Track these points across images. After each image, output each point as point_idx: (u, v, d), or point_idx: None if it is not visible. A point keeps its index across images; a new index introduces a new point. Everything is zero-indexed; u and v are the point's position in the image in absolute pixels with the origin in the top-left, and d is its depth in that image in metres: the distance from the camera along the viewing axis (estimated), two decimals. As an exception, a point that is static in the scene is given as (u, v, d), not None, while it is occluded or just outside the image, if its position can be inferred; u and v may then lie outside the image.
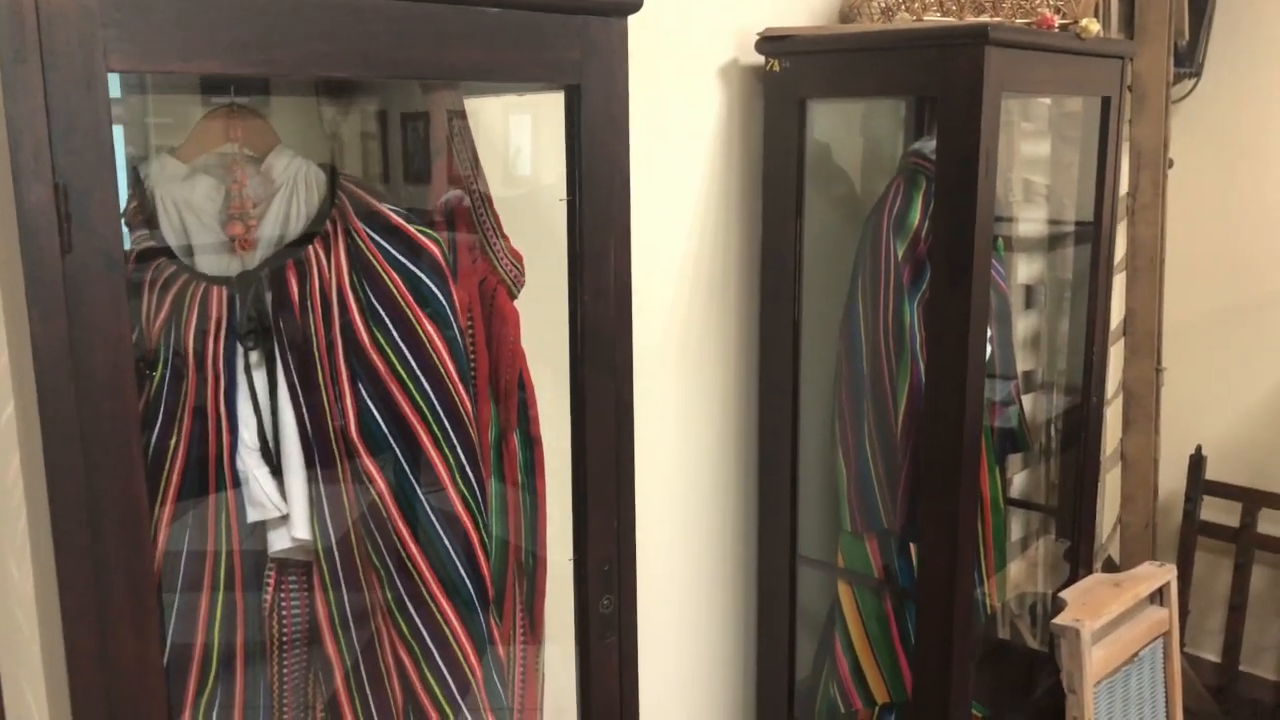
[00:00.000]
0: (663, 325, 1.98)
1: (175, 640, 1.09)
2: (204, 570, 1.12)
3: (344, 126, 1.31)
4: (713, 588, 2.15)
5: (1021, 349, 2.62)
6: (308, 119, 1.31)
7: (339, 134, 1.30)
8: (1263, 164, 2.99)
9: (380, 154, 1.31)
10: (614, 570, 1.25)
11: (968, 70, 1.67)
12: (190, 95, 1.19)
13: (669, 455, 2.02)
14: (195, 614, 1.12)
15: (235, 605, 1.14)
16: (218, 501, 1.12)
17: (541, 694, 1.37)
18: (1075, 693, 2.04)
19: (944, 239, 1.75)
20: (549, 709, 1.42)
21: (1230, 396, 3.14)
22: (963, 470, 1.78)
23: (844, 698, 2.08)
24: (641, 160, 1.89)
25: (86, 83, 0.83)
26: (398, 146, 1.30)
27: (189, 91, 1.20)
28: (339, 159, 1.29)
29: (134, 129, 1.21)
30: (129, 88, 1.18)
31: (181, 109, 1.21)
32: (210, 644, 1.12)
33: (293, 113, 1.29)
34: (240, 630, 1.14)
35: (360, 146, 1.31)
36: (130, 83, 1.15)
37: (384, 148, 1.30)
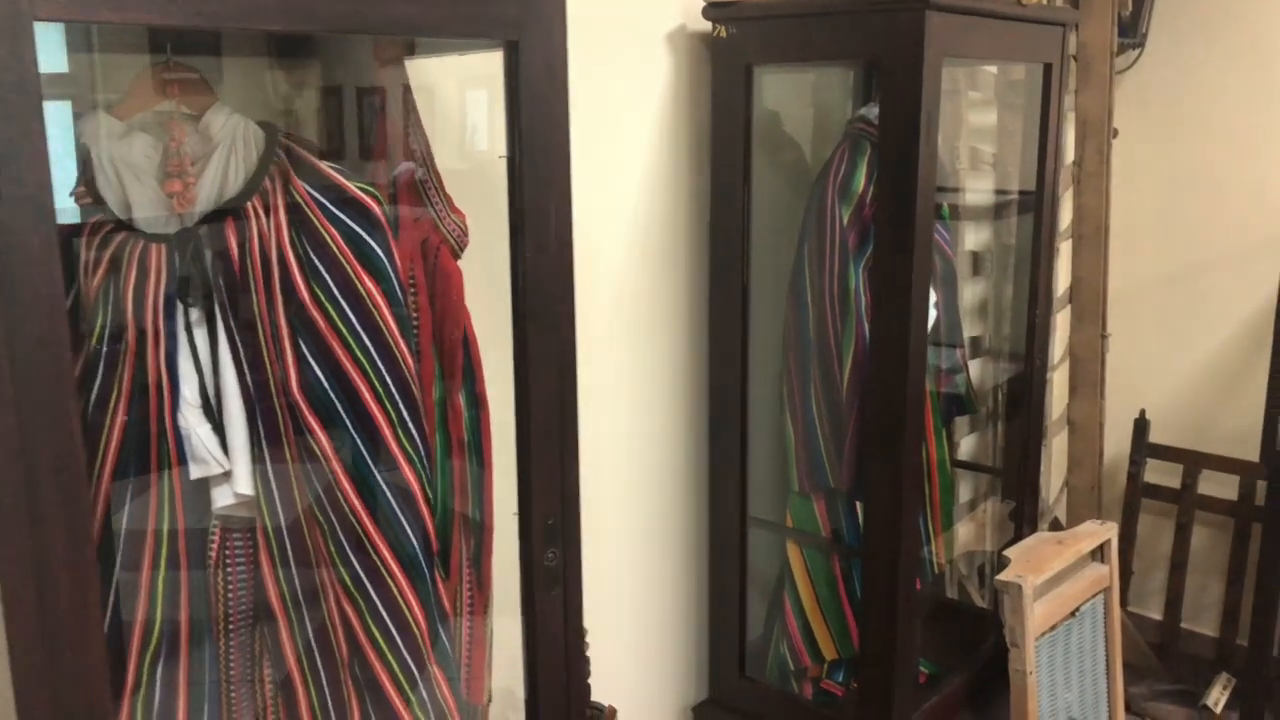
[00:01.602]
0: (613, 289, 1.99)
1: (119, 600, 1.09)
2: (146, 530, 1.13)
3: (287, 87, 1.31)
4: (665, 549, 2.18)
5: (970, 315, 2.67)
6: (254, 83, 1.30)
7: (281, 94, 1.30)
8: (1205, 132, 3.05)
9: (323, 115, 1.30)
10: (558, 524, 1.27)
11: (909, 35, 1.70)
12: (141, 55, 1.18)
13: (620, 417, 2.04)
14: (139, 572, 1.13)
15: (179, 561, 1.14)
16: (160, 459, 1.12)
17: (490, 648, 1.39)
18: (1018, 646, 2.10)
19: (886, 203, 1.78)
20: (499, 662, 1.44)
21: (1173, 361, 3.21)
22: (906, 431, 1.82)
23: (793, 655, 2.12)
24: (590, 126, 1.91)
25: (13, 32, 0.83)
26: (339, 108, 1.30)
27: (139, 51, 1.19)
28: (286, 122, 1.29)
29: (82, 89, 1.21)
30: (76, 47, 1.18)
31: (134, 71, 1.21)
32: (154, 602, 1.13)
33: (240, 76, 1.29)
34: (184, 588, 1.15)
35: (303, 108, 1.31)
36: (77, 43, 1.15)
37: (326, 109, 1.30)
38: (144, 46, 1.18)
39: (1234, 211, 3.03)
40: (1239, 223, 3.03)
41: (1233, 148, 3.00)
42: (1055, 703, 2.23)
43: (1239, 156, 3.00)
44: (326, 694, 1.18)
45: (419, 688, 1.18)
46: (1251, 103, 2.95)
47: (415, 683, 1.18)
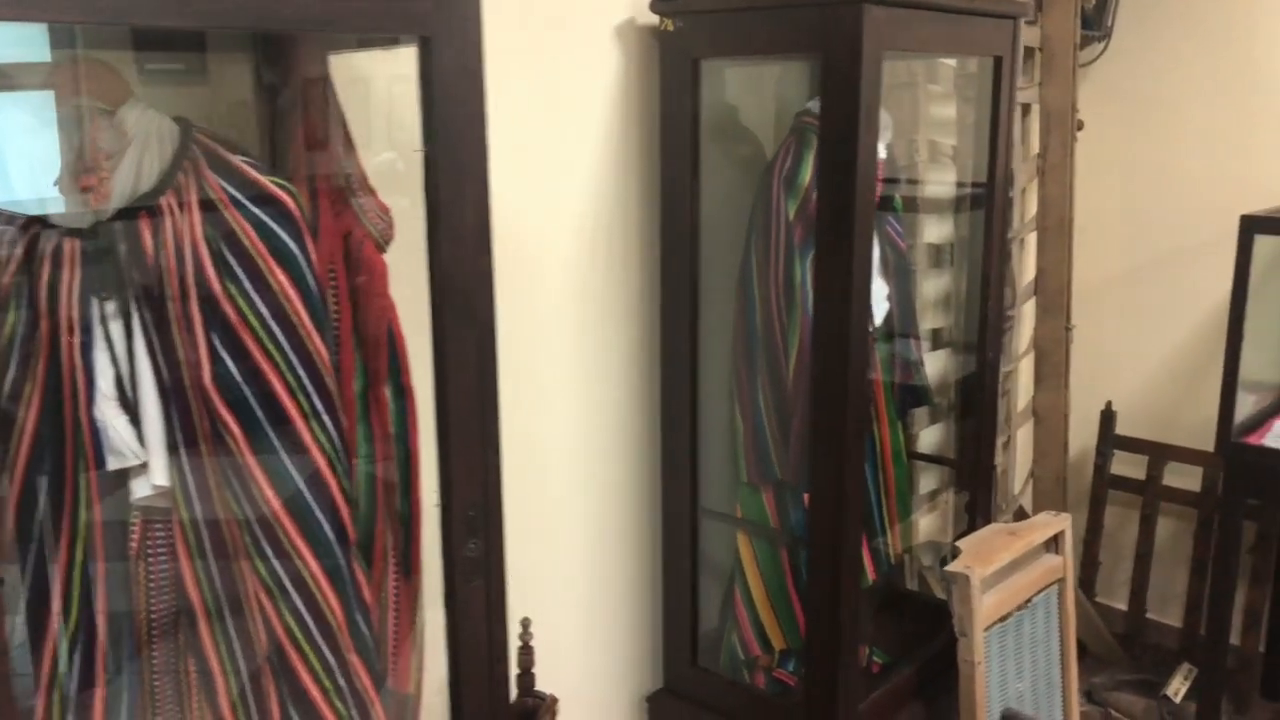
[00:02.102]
0: (562, 283, 2.00)
1: (32, 586, 1.11)
2: (62, 522, 1.14)
3: (212, 82, 1.32)
4: (619, 539, 2.19)
5: (933, 308, 2.68)
6: (177, 78, 1.31)
7: (205, 90, 1.31)
8: (1171, 125, 3.06)
9: (244, 110, 1.31)
10: (479, 515, 1.28)
11: (847, 29, 1.70)
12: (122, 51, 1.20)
13: (572, 410, 2.06)
14: (56, 564, 1.14)
15: (97, 553, 1.16)
16: (76, 452, 1.14)
17: (420, 638, 1.40)
18: (966, 636, 2.11)
19: (827, 197, 1.79)
20: (431, 651, 1.45)
21: (1139, 353, 3.22)
22: (847, 423, 1.83)
23: (743, 644, 2.14)
24: (538, 119, 1.92)
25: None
26: (261, 103, 1.31)
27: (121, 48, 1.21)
28: (210, 117, 1.30)
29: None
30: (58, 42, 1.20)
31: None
32: (70, 593, 1.14)
33: (163, 72, 1.30)
34: (102, 579, 1.16)
35: (226, 103, 1.32)
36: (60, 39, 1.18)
37: (248, 104, 1.31)
38: (126, 43, 1.20)
39: (1199, 203, 3.04)
40: (1204, 215, 3.04)
41: (1198, 140, 3.01)
42: (1006, 692, 2.25)
43: (1204, 148, 3.01)
44: (246, 683, 1.20)
45: (336, 676, 1.20)
46: (1216, 95, 2.96)
47: (332, 671, 1.19)
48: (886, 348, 2.32)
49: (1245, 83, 2.90)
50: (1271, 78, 2.86)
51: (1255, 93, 2.89)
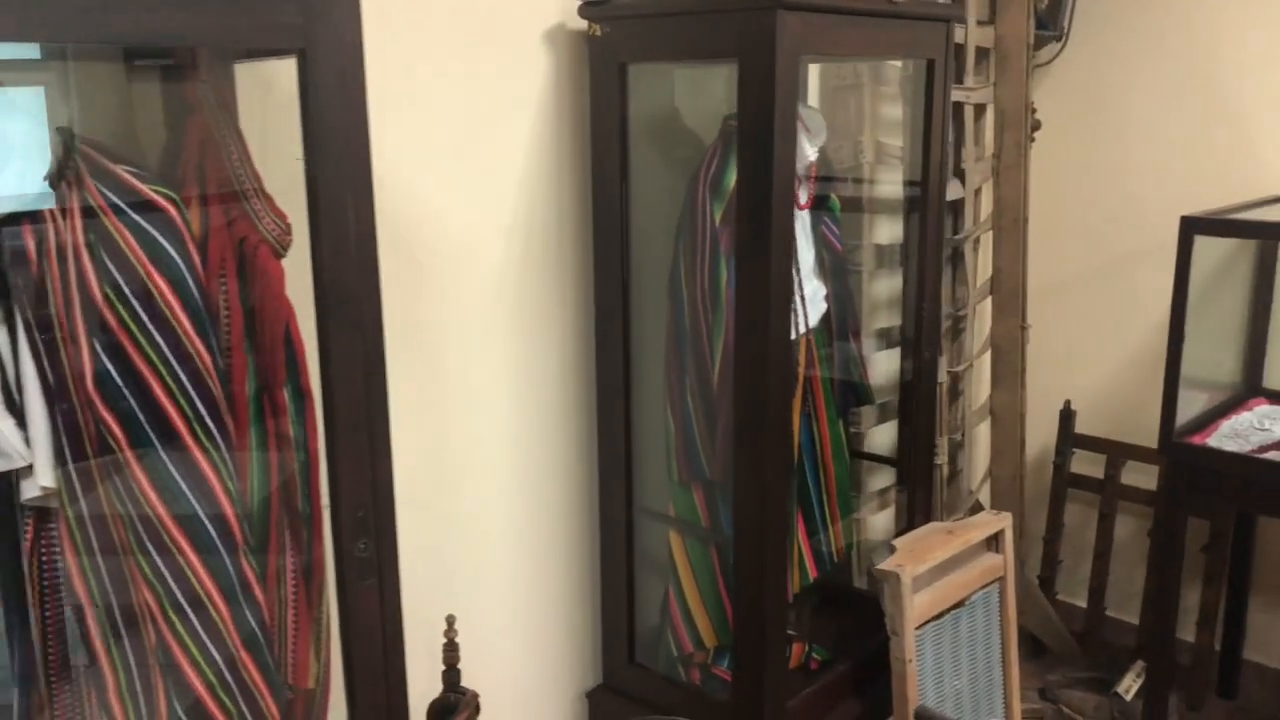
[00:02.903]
0: (494, 288, 2.03)
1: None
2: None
3: (104, 92, 1.34)
4: (557, 538, 2.22)
5: (884, 307, 2.70)
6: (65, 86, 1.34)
7: (99, 98, 1.33)
8: (1128, 124, 3.07)
9: (133, 118, 1.34)
10: (370, 516, 1.31)
11: (762, 34, 1.72)
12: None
13: (505, 410, 2.08)
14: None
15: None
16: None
17: (322, 633, 1.43)
18: (897, 635, 2.13)
19: (746, 200, 1.81)
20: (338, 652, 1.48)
21: (1098, 352, 3.23)
22: (766, 423, 1.85)
23: (676, 641, 2.16)
24: (469, 124, 1.95)
25: None
26: (154, 112, 1.34)
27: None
28: (104, 127, 1.33)
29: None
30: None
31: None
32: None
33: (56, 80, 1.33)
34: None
35: (120, 112, 1.35)
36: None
37: (140, 113, 1.34)
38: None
39: (1156, 203, 3.04)
40: (1161, 215, 3.03)
41: (1155, 140, 3.02)
42: (943, 689, 2.26)
43: (1161, 148, 3.01)
44: (135, 679, 1.23)
45: (222, 671, 1.23)
46: (1174, 95, 2.96)
47: (218, 667, 1.22)
48: (826, 347, 2.33)
49: (1199, 84, 2.90)
50: (1224, 79, 2.86)
51: (1209, 94, 2.89)
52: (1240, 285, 2.85)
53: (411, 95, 1.84)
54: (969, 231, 2.89)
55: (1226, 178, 2.90)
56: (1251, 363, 2.87)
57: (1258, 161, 2.87)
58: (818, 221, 2.25)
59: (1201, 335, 2.80)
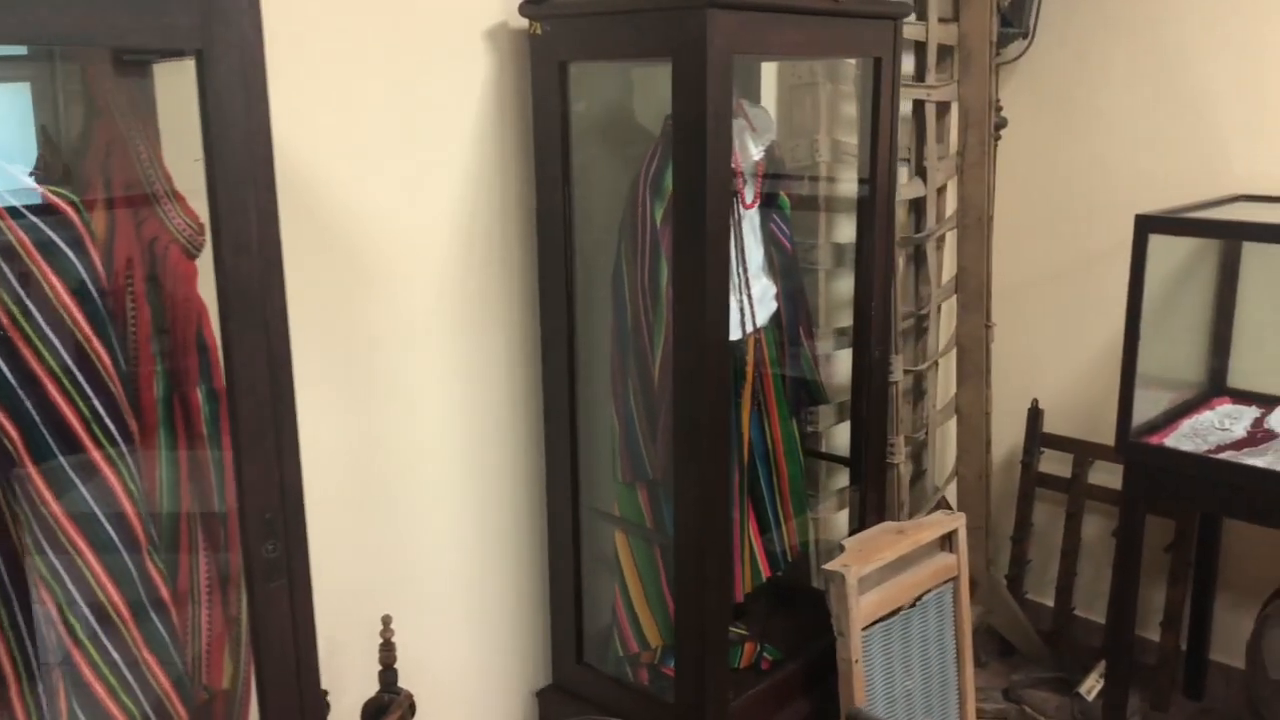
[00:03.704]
0: (435, 287, 2.03)
1: None
2: None
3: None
4: (505, 538, 2.22)
5: (843, 306, 2.69)
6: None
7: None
8: (1095, 121, 3.05)
9: (47, 115, 1.34)
10: (277, 518, 1.31)
11: (693, 33, 1.72)
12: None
13: (450, 409, 2.08)
14: None
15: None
16: None
17: (239, 633, 1.43)
18: (844, 635, 2.13)
19: (681, 200, 1.81)
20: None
21: (1065, 351, 3.22)
22: (705, 421, 1.85)
23: (622, 641, 2.16)
24: (412, 123, 1.94)
25: None
26: (62, 112, 1.34)
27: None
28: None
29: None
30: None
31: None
32: None
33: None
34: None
35: (32, 109, 1.35)
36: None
37: (46, 113, 1.34)
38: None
39: (1123, 201, 3.02)
40: (1128, 212, 3.01)
41: (1122, 138, 3.00)
42: (893, 690, 2.26)
43: (1128, 146, 3.00)
44: (38, 682, 1.23)
45: (123, 673, 1.23)
46: (1141, 93, 2.94)
47: (118, 669, 1.22)
48: (776, 346, 2.33)
49: (1166, 81, 2.89)
50: (1191, 77, 2.85)
51: (1175, 92, 2.88)
52: (1206, 283, 2.84)
53: (351, 94, 1.84)
54: (931, 230, 2.88)
55: (1193, 176, 2.89)
56: (1216, 361, 2.86)
57: (1224, 160, 2.85)
58: (766, 220, 2.25)
59: (1167, 333, 2.79)
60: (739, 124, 2.11)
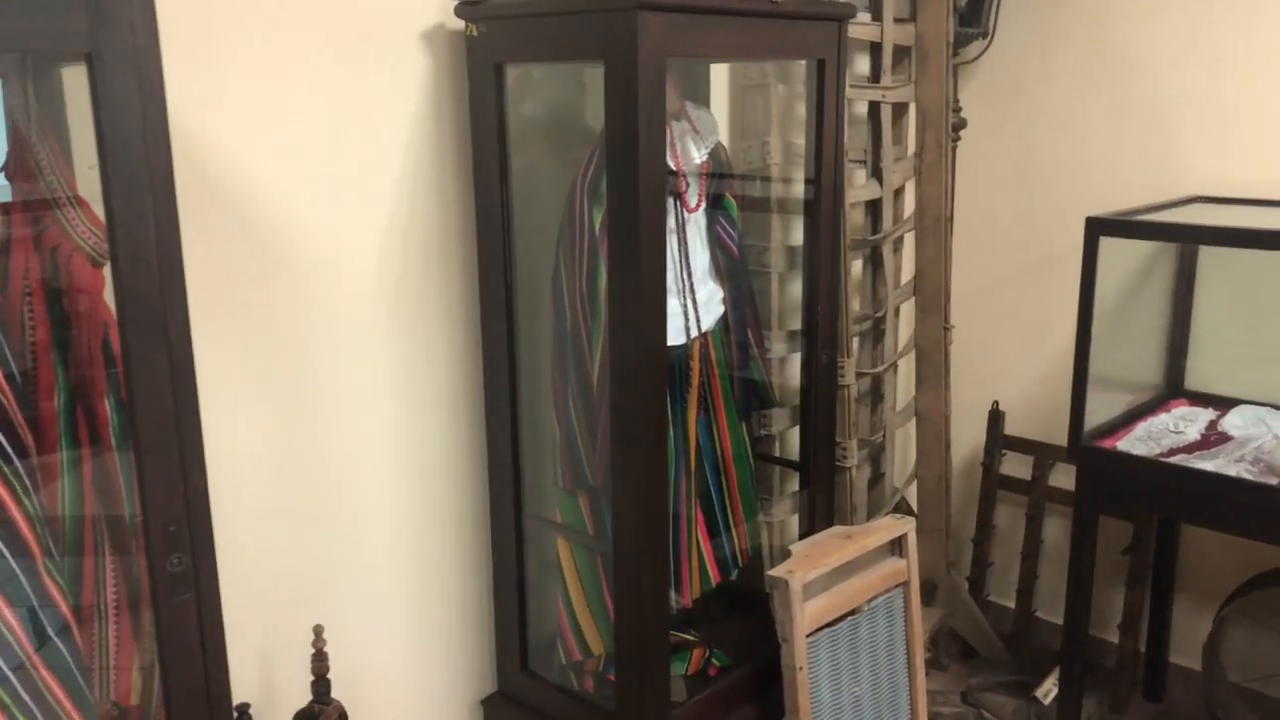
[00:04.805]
0: (371, 292, 2.00)
1: None
2: None
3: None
4: (446, 546, 2.20)
5: (797, 309, 2.67)
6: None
7: None
8: (1055, 122, 3.04)
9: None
10: (182, 531, 1.28)
11: (624, 34, 1.70)
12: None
13: (388, 417, 2.06)
14: None
15: None
16: None
17: (151, 653, 1.40)
18: (788, 642, 2.11)
19: (615, 204, 1.78)
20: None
21: (1025, 353, 3.21)
22: (643, 427, 1.83)
23: (565, 649, 2.14)
24: (347, 127, 1.92)
25: None
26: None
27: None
28: None
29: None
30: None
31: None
32: None
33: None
34: None
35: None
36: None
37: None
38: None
39: (1082, 202, 3.01)
40: (1086, 213, 3.01)
41: (1080, 139, 2.99)
42: (840, 696, 2.24)
43: (1086, 148, 2.99)
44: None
45: (17, 690, 1.20)
46: (1099, 94, 2.93)
47: (11, 685, 1.20)
48: (724, 349, 2.31)
49: (1124, 83, 2.88)
50: (1149, 80, 2.84)
51: (1134, 94, 2.87)
52: (1164, 284, 2.83)
53: (283, 96, 1.81)
54: (887, 231, 2.87)
55: (1152, 177, 2.88)
56: (1173, 363, 2.85)
57: (1181, 162, 2.84)
58: (713, 223, 2.23)
59: (1125, 335, 2.78)
60: (681, 126, 2.09)
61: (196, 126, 1.70)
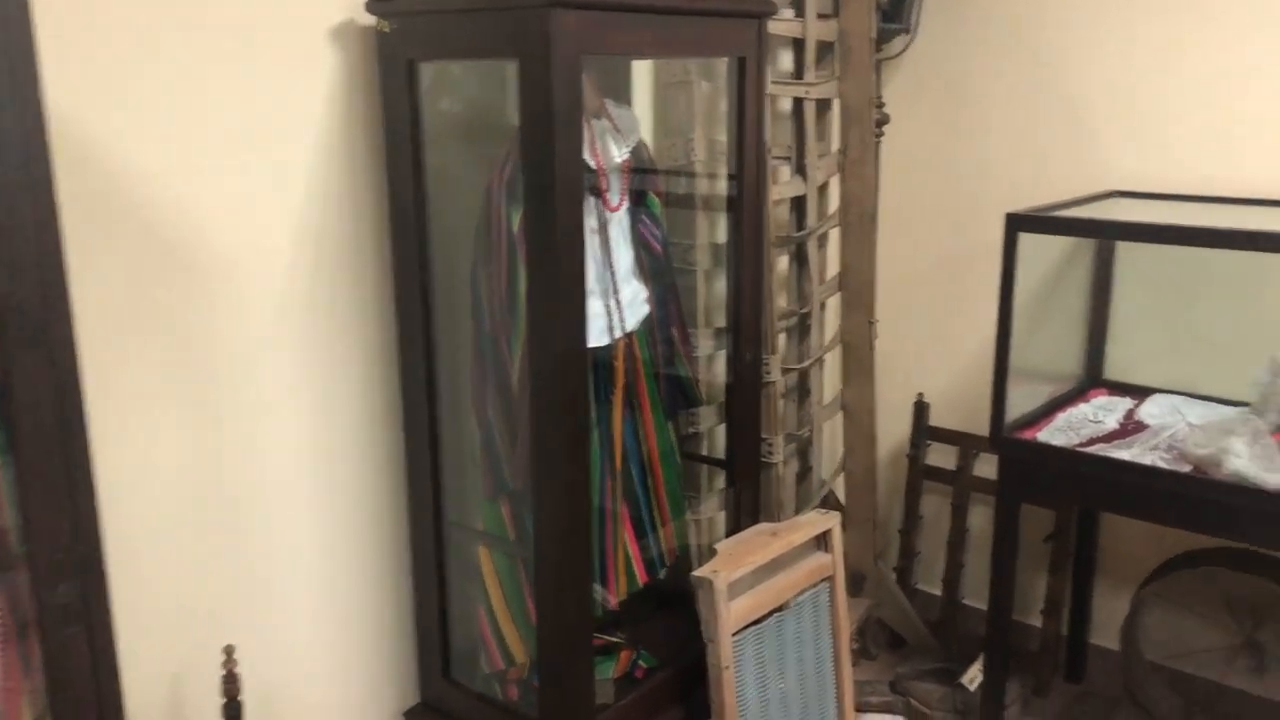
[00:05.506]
0: (283, 296, 1.94)
1: None
2: None
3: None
4: (366, 556, 2.14)
5: (723, 307, 2.65)
6: None
7: None
8: (976, 119, 3.07)
9: None
10: (69, 558, 1.22)
11: (537, 32, 1.66)
12: None
13: (300, 426, 2.00)
14: None
15: None
16: None
17: (44, 684, 1.34)
18: (714, 642, 2.10)
19: (532, 203, 1.75)
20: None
21: (949, 346, 3.24)
22: (564, 431, 1.80)
23: (488, 658, 2.10)
24: (250, 126, 1.85)
25: None
26: None
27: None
28: None
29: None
30: None
31: None
32: None
33: None
34: None
35: None
36: None
37: None
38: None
39: (1004, 197, 3.03)
40: (1009, 208, 3.04)
41: (1002, 134, 3.02)
42: (766, 693, 2.24)
43: (1008, 143, 3.02)
44: None
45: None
46: (1020, 89, 2.96)
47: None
48: (649, 349, 2.29)
49: (1044, 78, 2.91)
50: (1068, 74, 2.87)
51: (1053, 88, 2.90)
52: (1083, 276, 2.88)
53: (187, 94, 1.74)
54: (812, 228, 2.87)
55: (1071, 172, 2.92)
56: (1092, 354, 2.90)
57: (1099, 156, 2.89)
58: (636, 222, 2.20)
59: (1047, 326, 2.82)
60: (602, 124, 2.06)
61: (92, 128, 1.63)
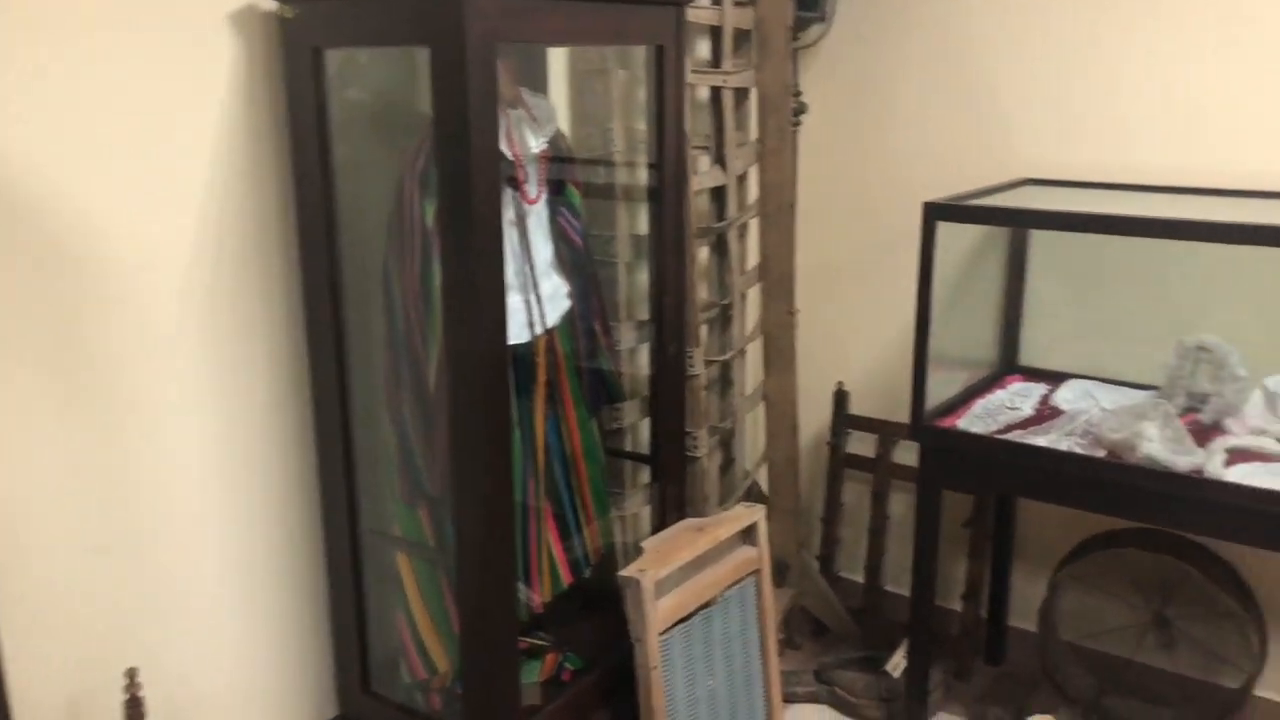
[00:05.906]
0: (182, 295, 1.84)
1: None
2: None
3: None
4: (278, 567, 2.06)
5: (645, 299, 2.62)
6: None
7: None
8: (892, 107, 3.08)
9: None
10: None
11: (450, 19, 1.59)
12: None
13: (205, 434, 1.90)
14: None
15: None
16: None
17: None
18: (641, 642, 2.07)
19: (447, 197, 1.68)
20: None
21: (867, 334, 3.26)
22: (483, 432, 1.74)
23: (409, 667, 2.04)
24: (141, 118, 1.74)
25: None
26: None
27: None
28: None
29: None
30: None
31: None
32: None
33: None
34: None
35: None
36: None
37: None
38: None
39: (920, 186, 3.05)
40: (924, 197, 3.06)
41: (917, 123, 3.04)
42: (695, 691, 2.22)
43: (923, 131, 3.04)
44: None
45: None
46: (934, 78, 2.98)
47: None
48: (571, 345, 2.24)
49: (958, 67, 2.93)
50: (981, 63, 2.90)
51: (967, 77, 2.92)
52: (998, 263, 2.92)
53: (75, 86, 1.63)
54: (732, 218, 2.85)
55: (984, 160, 2.95)
56: (1008, 341, 2.95)
57: (1012, 144, 2.93)
58: (554, 215, 2.15)
59: (963, 314, 2.85)
60: (518, 114, 2.00)
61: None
